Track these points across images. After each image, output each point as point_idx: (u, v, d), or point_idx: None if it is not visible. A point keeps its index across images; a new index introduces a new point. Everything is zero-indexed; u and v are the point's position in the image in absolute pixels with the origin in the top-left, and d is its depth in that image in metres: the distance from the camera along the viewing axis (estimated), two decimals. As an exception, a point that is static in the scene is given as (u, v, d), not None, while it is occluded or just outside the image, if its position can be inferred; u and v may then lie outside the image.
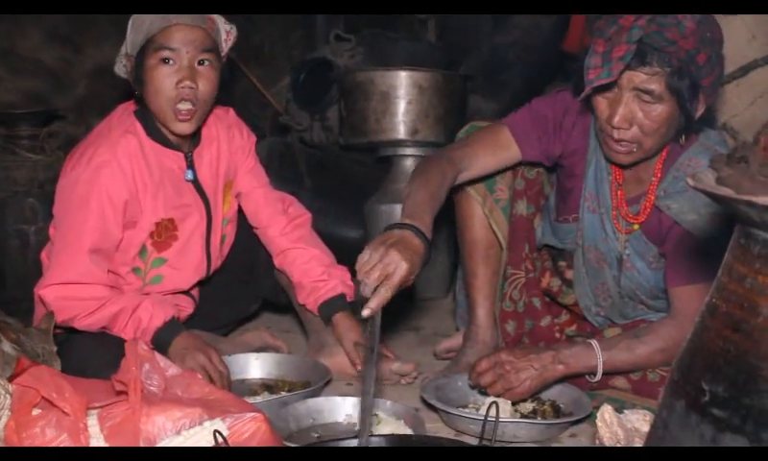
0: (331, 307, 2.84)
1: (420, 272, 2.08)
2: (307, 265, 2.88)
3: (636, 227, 2.45)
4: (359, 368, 2.76)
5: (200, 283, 2.89)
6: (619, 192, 2.47)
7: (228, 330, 3.20)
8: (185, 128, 2.60)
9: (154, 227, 2.67)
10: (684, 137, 2.35)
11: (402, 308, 3.62)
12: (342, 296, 2.85)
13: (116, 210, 2.58)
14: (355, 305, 2.92)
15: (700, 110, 2.26)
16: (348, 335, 2.78)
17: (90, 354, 2.48)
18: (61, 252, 2.57)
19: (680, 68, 2.15)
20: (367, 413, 1.92)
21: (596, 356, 2.35)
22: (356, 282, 2.09)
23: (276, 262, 2.94)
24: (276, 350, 2.99)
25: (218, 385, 2.46)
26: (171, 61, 2.53)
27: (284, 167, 3.90)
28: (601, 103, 2.28)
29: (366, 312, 1.97)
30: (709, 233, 2.26)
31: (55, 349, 2.34)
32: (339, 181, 4.05)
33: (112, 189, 2.56)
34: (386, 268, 2.00)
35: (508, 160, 2.57)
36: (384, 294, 1.98)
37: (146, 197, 2.63)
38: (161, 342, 2.54)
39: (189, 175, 2.73)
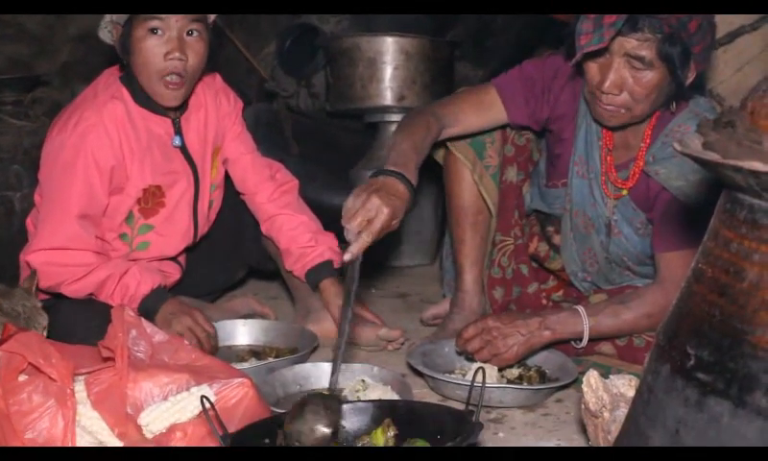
0: (318, 274, 2.84)
1: (405, 217, 2.11)
2: (294, 231, 2.88)
3: (624, 192, 2.45)
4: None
5: (186, 250, 2.89)
6: (609, 157, 2.47)
7: (214, 297, 3.20)
8: (173, 98, 2.58)
9: (141, 193, 2.66)
10: (674, 104, 2.35)
11: (388, 275, 3.63)
12: (329, 262, 2.85)
13: (102, 176, 2.56)
14: (342, 272, 2.92)
15: (690, 78, 2.25)
16: (336, 301, 2.78)
17: (77, 320, 2.47)
18: (48, 217, 2.56)
19: (671, 35, 2.14)
20: (339, 355, 1.94)
21: (582, 322, 2.36)
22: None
23: (263, 229, 2.94)
24: (262, 316, 3.00)
25: (205, 346, 2.47)
26: (159, 32, 2.50)
27: (271, 134, 3.88)
28: (591, 68, 2.28)
29: (346, 256, 1.99)
30: (696, 200, 2.26)
31: (39, 304, 2.33)
32: (325, 147, 4.04)
33: (99, 155, 2.55)
34: (367, 213, 2.02)
35: (493, 121, 2.57)
36: (364, 239, 2.00)
37: (133, 163, 2.62)
38: (148, 309, 2.53)
39: (177, 141, 2.71)
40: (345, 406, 1.98)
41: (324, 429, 1.71)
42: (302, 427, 1.71)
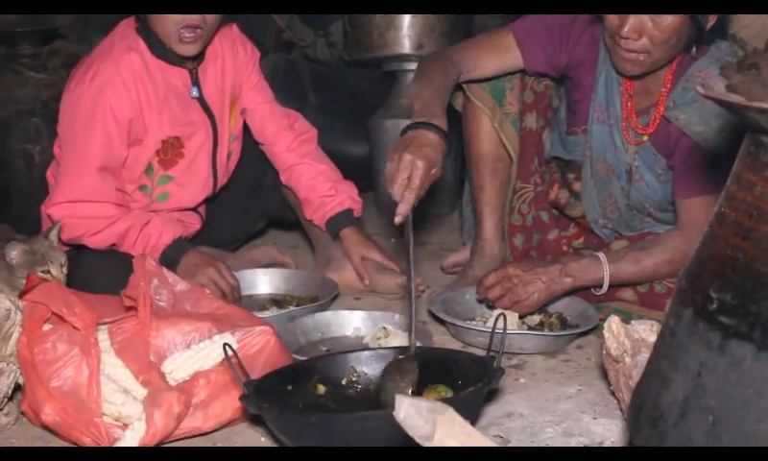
0: (339, 222, 2.84)
1: (443, 163, 2.08)
2: (314, 181, 2.87)
3: (645, 138, 2.43)
4: (366, 282, 2.77)
5: (206, 201, 2.89)
6: (629, 103, 2.44)
7: (235, 247, 3.20)
8: (190, 50, 2.57)
9: (159, 144, 2.66)
10: (695, 48, 2.32)
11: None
12: (349, 211, 2.85)
13: (121, 128, 2.56)
14: (362, 220, 2.93)
15: (711, 22, 2.22)
16: (356, 250, 2.79)
17: (99, 271, 2.49)
18: (68, 170, 2.56)
19: (690, -24, 2.11)
20: (412, 316, 1.92)
21: (603, 269, 2.36)
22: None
23: (283, 178, 2.94)
24: (283, 265, 3.00)
25: (229, 298, 2.49)
26: None
27: (288, 84, 3.86)
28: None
29: (397, 219, 1.97)
30: (717, 145, 2.24)
31: (56, 244, 2.36)
32: (343, 96, 4.02)
33: (116, 107, 2.54)
34: (405, 172, 1.99)
35: (510, 65, 2.54)
36: (408, 197, 1.97)
37: (151, 115, 2.61)
38: (170, 260, 2.55)
39: (194, 92, 2.71)
40: (366, 353, 2.00)
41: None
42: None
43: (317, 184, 2.87)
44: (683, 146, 2.33)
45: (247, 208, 3.06)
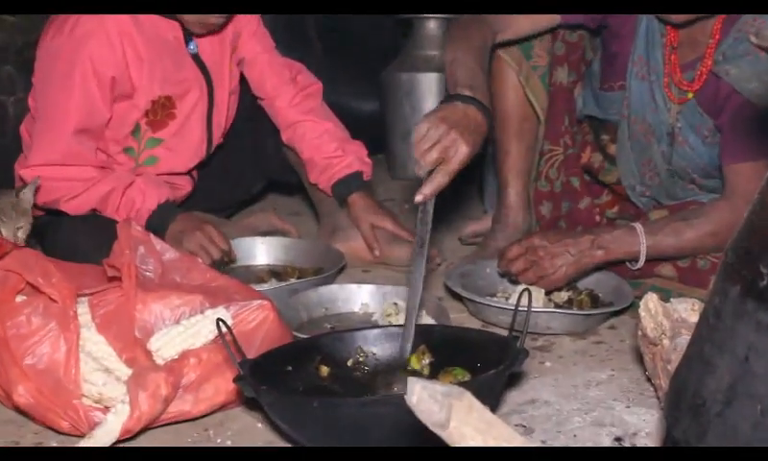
0: (347, 186, 2.84)
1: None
2: (319, 140, 2.87)
3: (689, 96, 2.41)
4: (377, 252, 2.77)
5: (199, 164, 2.89)
6: (672, 57, 2.42)
7: (230, 213, 3.21)
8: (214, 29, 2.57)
9: (149, 105, 2.65)
10: (748, -7, 2.29)
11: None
12: (358, 174, 2.85)
13: (103, 87, 2.55)
14: (372, 185, 2.92)
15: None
16: (365, 217, 2.79)
17: (79, 237, 2.49)
18: (44, 132, 2.55)
19: None
20: (411, 317, 1.91)
21: (639, 241, 2.35)
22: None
23: (284, 137, 2.93)
24: (284, 233, 3.00)
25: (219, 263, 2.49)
26: None
27: (291, 31, 3.85)
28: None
29: (418, 198, 1.91)
30: (772, 104, 2.23)
31: (27, 202, 2.37)
32: (353, 46, 4.00)
33: (98, 64, 2.52)
34: (446, 151, 1.95)
35: (546, 23, 2.53)
36: (440, 180, 1.93)
37: (140, 73, 2.60)
38: (156, 225, 2.54)
39: (193, 47, 2.69)
40: (375, 331, 2.00)
41: None
42: None
43: (322, 144, 2.86)
44: (732, 105, 2.31)
45: (243, 170, 3.06)
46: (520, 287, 2.23)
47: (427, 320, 2.25)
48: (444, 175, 1.94)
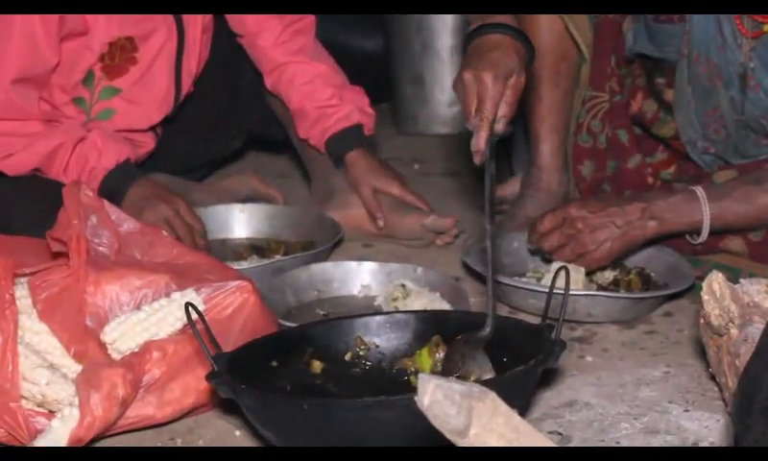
0: (343, 142, 2.83)
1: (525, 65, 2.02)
2: (310, 85, 2.86)
3: (766, 28, 2.40)
4: (380, 222, 2.76)
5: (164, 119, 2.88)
6: (745, -21, 2.41)
7: (203, 175, 3.21)
8: None
9: (105, 47, 2.65)
10: None
11: (435, 146, 3.61)
12: (358, 127, 2.85)
13: (48, 26, 2.53)
14: (375, 140, 2.90)
15: None
16: (366, 179, 2.78)
17: (17, 204, 2.50)
18: None
19: None
20: (490, 288, 1.88)
21: (702, 209, 2.34)
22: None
23: (268, 83, 2.93)
24: (267, 199, 3.00)
25: (188, 245, 2.49)
26: None
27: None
28: None
29: (475, 159, 1.90)
30: None
31: None
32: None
33: None
34: (471, 98, 1.93)
35: None
36: (480, 126, 1.90)
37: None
38: (112, 190, 2.55)
39: None
40: (378, 318, 2.00)
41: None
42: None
43: (314, 90, 2.85)
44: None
45: (218, 122, 3.06)
46: (555, 265, 2.22)
47: (442, 304, 2.25)
48: (481, 119, 1.90)
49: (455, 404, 1.01)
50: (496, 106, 1.93)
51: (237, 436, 1.82)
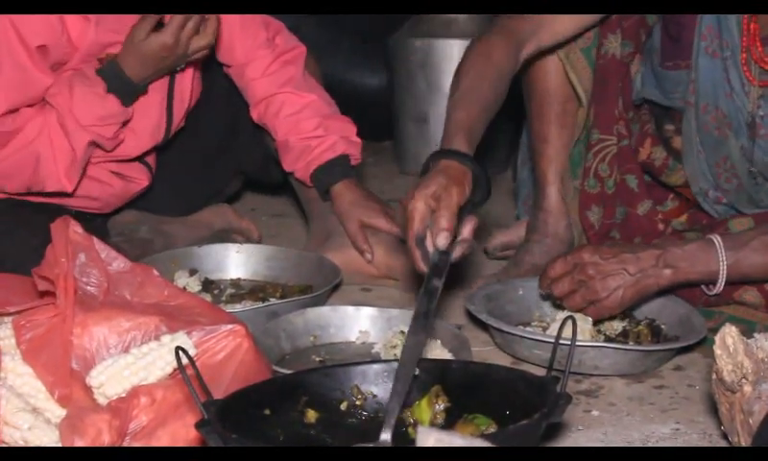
0: (329, 175, 2.83)
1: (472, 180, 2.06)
2: (297, 116, 2.85)
3: (773, 76, 2.41)
4: (368, 256, 2.75)
5: (156, 149, 2.87)
6: (752, 26, 2.42)
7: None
8: None
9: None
10: None
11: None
12: (343, 158, 2.83)
13: (35, 57, 2.55)
14: (361, 170, 2.89)
15: None
16: (353, 213, 2.79)
17: (3, 239, 2.49)
18: None
19: None
20: (396, 397, 1.87)
21: (719, 258, 2.32)
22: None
23: (254, 114, 2.92)
24: (242, 233, 3.00)
25: None
26: None
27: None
28: None
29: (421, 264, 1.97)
30: None
31: None
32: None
33: (25, 31, 2.51)
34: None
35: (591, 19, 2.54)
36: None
37: (83, 34, 2.59)
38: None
39: None
40: (376, 367, 1.99)
41: None
42: None
43: (299, 121, 2.85)
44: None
45: (213, 160, 3.06)
46: (562, 314, 2.22)
47: (443, 354, 2.24)
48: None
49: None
50: (423, 222, 1.98)
51: (227, 487, 1.81)
